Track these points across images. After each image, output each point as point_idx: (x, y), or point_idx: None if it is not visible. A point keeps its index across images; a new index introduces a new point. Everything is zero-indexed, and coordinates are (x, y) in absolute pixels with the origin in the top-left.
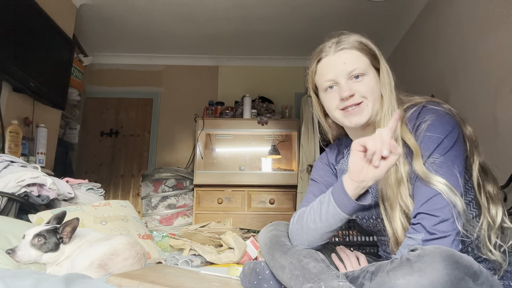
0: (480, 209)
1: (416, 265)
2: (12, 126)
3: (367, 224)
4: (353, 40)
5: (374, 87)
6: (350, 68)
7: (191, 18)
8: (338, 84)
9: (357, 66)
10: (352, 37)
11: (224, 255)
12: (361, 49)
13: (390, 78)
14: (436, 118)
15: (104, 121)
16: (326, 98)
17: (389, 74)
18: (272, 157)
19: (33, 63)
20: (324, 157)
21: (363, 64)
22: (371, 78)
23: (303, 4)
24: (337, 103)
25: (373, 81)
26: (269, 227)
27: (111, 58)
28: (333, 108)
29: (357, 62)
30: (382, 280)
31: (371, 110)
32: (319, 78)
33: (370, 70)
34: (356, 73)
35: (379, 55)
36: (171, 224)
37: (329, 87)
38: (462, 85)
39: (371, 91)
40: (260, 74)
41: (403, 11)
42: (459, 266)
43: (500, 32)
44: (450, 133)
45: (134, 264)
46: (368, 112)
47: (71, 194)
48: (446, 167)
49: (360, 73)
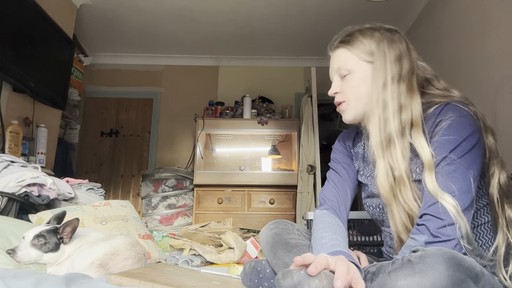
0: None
1: (417, 267)
2: (12, 126)
3: (372, 213)
4: (343, 36)
5: (359, 85)
6: (336, 66)
7: (191, 18)
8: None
9: (342, 64)
10: (347, 33)
11: (224, 255)
12: (352, 45)
13: (387, 72)
14: (457, 119)
15: (104, 121)
16: None
17: (387, 68)
18: (272, 157)
19: (33, 63)
20: (341, 139)
21: (349, 61)
22: (357, 76)
23: (303, 4)
24: None
25: (359, 79)
26: (271, 225)
27: (111, 58)
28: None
29: (343, 60)
30: (383, 281)
31: (354, 109)
32: None
33: (357, 66)
34: (342, 72)
35: (376, 45)
36: (171, 224)
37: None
38: (462, 85)
39: (353, 90)
40: (260, 74)
41: (403, 11)
42: (460, 268)
43: (500, 32)
44: (470, 136)
45: (134, 264)
46: (351, 111)
47: (71, 194)
48: (460, 171)
49: (346, 72)
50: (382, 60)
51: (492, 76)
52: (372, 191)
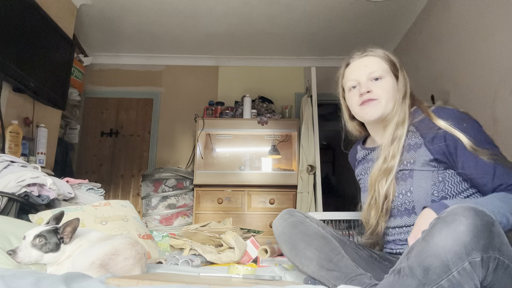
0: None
1: (448, 218)
2: (12, 126)
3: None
4: (377, 50)
5: (389, 90)
6: (370, 70)
7: (191, 18)
8: (359, 83)
9: (376, 69)
10: (376, 48)
11: (225, 254)
12: (383, 57)
13: (407, 87)
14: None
15: (104, 121)
16: (350, 97)
17: (406, 83)
18: (272, 157)
19: (33, 63)
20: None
21: (382, 68)
22: (388, 81)
23: (303, 4)
24: (357, 99)
25: (390, 84)
26: (285, 214)
27: (111, 58)
28: (354, 104)
29: (377, 66)
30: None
31: (384, 107)
32: (346, 80)
33: (388, 75)
34: (375, 75)
35: (399, 66)
36: (171, 224)
37: (353, 87)
38: (462, 85)
39: (386, 92)
40: (260, 74)
41: (403, 11)
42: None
43: (500, 32)
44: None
45: (134, 264)
46: (381, 108)
47: (71, 194)
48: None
49: (379, 75)
50: (403, 77)
51: (492, 76)
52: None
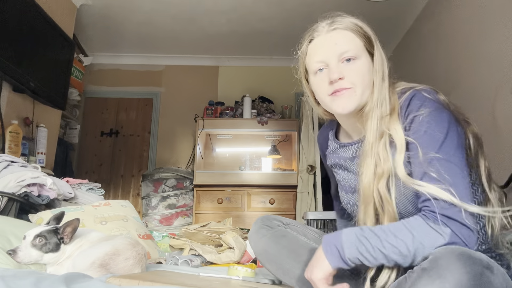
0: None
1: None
2: (12, 126)
3: (351, 210)
4: (348, 21)
5: (365, 73)
6: (342, 50)
7: (191, 18)
8: (328, 66)
9: (349, 47)
10: (347, 18)
11: (224, 254)
12: (356, 31)
13: (384, 65)
14: (433, 111)
15: (104, 121)
16: (316, 82)
17: (383, 61)
18: (272, 157)
19: (33, 63)
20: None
21: (356, 46)
22: (364, 63)
23: (303, 4)
24: (326, 87)
25: (365, 66)
26: (262, 228)
27: (111, 58)
28: (322, 94)
29: (350, 43)
30: None
31: (359, 97)
32: (309, 60)
33: (363, 54)
34: (347, 55)
35: (374, 39)
36: (171, 224)
37: (319, 70)
38: (462, 85)
39: (361, 77)
40: (260, 74)
41: (403, 11)
42: (475, 260)
43: (500, 32)
44: (449, 131)
45: (135, 264)
46: (357, 99)
47: (71, 194)
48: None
49: (352, 56)
50: (379, 54)
51: (492, 76)
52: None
